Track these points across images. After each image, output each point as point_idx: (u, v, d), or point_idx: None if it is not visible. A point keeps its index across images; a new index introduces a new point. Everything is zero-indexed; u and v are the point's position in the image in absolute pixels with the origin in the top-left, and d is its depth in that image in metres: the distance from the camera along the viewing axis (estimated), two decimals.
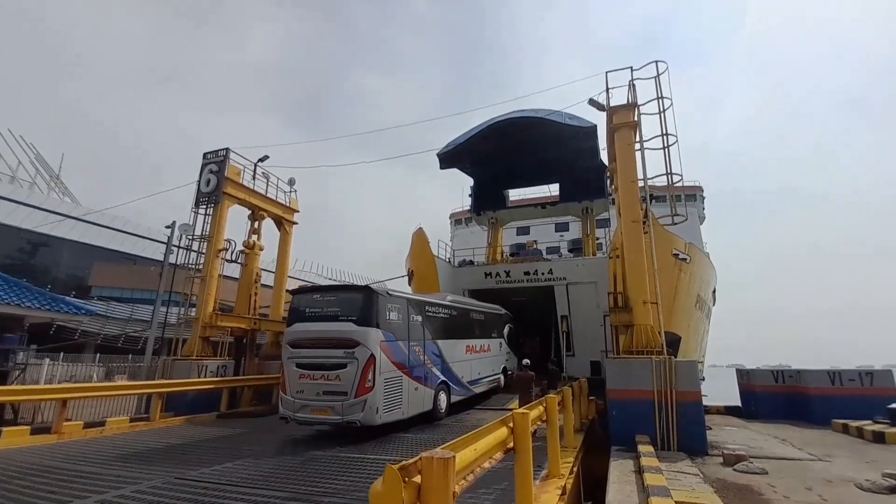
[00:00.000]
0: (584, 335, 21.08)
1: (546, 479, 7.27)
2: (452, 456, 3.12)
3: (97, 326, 34.78)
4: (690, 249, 17.69)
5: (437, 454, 3.08)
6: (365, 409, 10.46)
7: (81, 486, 7.06)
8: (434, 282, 21.04)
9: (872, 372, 14.56)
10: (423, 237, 21.54)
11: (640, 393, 11.11)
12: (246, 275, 20.38)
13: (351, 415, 10.48)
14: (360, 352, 10.79)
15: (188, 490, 6.93)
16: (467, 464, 3.76)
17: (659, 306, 12.61)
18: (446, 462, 3.03)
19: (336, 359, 10.96)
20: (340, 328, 11.20)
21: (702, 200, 39.59)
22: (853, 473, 8.31)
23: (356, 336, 10.96)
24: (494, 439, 4.69)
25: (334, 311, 11.60)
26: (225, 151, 18.92)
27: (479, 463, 4.18)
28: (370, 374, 10.64)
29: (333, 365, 10.96)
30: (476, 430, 4.45)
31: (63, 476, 7.67)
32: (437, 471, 2.99)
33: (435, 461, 3.00)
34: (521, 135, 22.62)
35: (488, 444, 4.49)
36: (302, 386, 11.16)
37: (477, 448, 4.12)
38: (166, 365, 16.40)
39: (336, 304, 11.76)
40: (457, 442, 3.83)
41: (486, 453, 4.39)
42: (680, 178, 13.84)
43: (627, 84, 14.79)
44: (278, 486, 7.04)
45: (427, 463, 2.99)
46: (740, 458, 9.15)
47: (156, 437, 11.47)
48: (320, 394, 10.93)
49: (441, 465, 3.01)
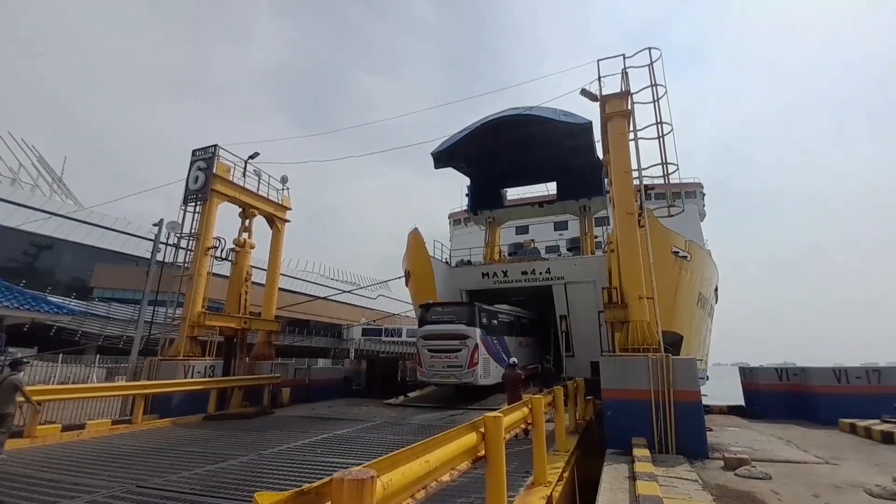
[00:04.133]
0: (583, 335, 20.73)
1: (531, 488, 6.78)
2: (371, 476, 2.57)
3: (98, 328, 34.74)
4: (691, 247, 17.37)
5: (350, 475, 2.51)
6: (473, 376, 16.38)
7: (33, 496, 6.64)
8: (430, 282, 20.87)
9: (880, 369, 14.29)
10: (419, 238, 21.31)
11: (637, 393, 10.74)
12: (236, 273, 20.03)
13: (465, 379, 16.47)
14: (469, 342, 16.69)
15: (146, 500, 6.50)
16: (413, 480, 3.25)
17: (655, 302, 12.14)
18: (361, 484, 2.48)
19: (454, 346, 16.80)
20: (456, 328, 17.12)
21: (702, 197, 39.06)
22: (862, 478, 7.90)
23: (467, 332, 16.90)
24: (458, 447, 4.18)
25: (451, 317, 17.57)
26: (213, 148, 18.65)
27: (436, 476, 3.69)
28: (476, 356, 16.53)
29: (453, 350, 16.80)
30: (433, 438, 3.94)
31: (17, 484, 7.24)
32: (349, 497, 2.44)
33: (346, 483, 2.45)
34: (515, 133, 22.39)
35: (448, 453, 3.97)
36: (433, 363, 17.20)
37: (430, 460, 3.60)
38: (152, 365, 16.01)
39: (452, 313, 17.81)
40: (398, 454, 3.28)
41: (445, 464, 3.89)
42: (676, 168, 13.39)
43: (620, 73, 14.41)
44: (242, 496, 6.59)
45: (337, 486, 2.45)
46: (742, 462, 8.76)
47: (134, 441, 11.06)
48: (445, 367, 16.89)
49: (354, 488, 2.46)
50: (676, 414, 10.31)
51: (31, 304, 16.28)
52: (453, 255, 27.72)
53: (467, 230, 40.08)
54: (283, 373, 19.09)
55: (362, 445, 10.37)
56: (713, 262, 21.99)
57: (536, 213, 29.39)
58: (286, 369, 19.84)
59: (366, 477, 2.52)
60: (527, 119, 21.07)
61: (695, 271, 18.04)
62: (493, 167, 26.68)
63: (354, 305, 62.01)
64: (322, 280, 64.97)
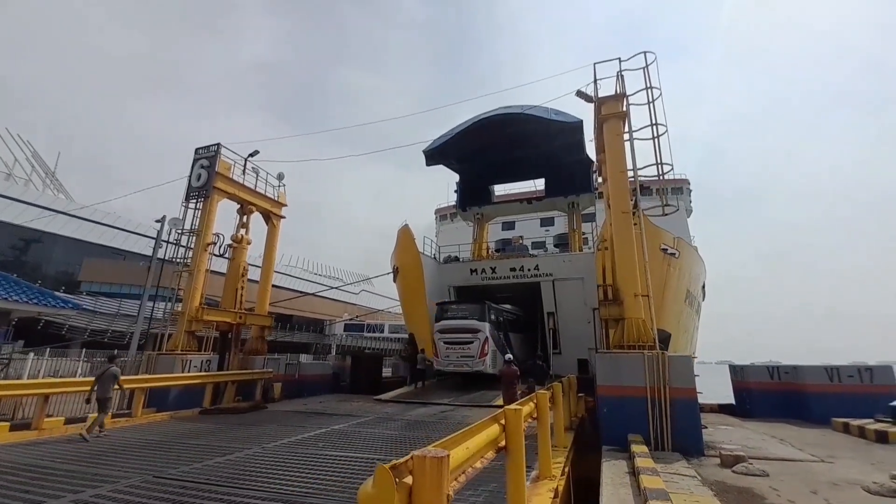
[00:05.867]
0: (571, 332, 21.02)
1: (537, 481, 6.96)
2: (447, 455, 2.89)
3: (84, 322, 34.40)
4: (678, 244, 17.53)
5: (430, 453, 2.84)
6: (484, 365, 18.46)
7: (57, 485, 6.76)
8: (419, 278, 20.99)
9: (872, 368, 14.42)
10: (409, 234, 21.39)
11: (633, 389, 10.82)
12: (233, 269, 20.15)
13: (476, 367, 18.56)
14: (480, 335, 18.79)
15: (166, 489, 6.63)
16: (459, 463, 3.47)
17: (651, 299, 12.39)
18: (440, 461, 2.80)
19: (467, 339, 18.88)
20: (469, 322, 19.20)
21: (688, 193, 39.50)
22: (859, 475, 8.04)
23: (478, 326, 18.97)
24: (486, 437, 4.38)
25: (464, 313, 19.69)
26: (216, 147, 18.85)
27: (472, 462, 3.88)
28: (486, 347, 18.59)
29: (466, 342, 18.90)
30: (467, 428, 4.14)
31: (39, 474, 7.37)
32: (431, 471, 2.76)
33: (428, 460, 2.76)
34: (507, 131, 22.65)
35: (480, 442, 4.17)
36: (448, 353, 19.31)
37: (469, 447, 3.81)
38: (150, 359, 16.05)
39: (465, 310, 19.88)
40: (448, 440, 3.54)
41: (478, 452, 4.09)
42: (671, 168, 13.69)
43: (615, 75, 14.74)
44: (259, 486, 6.77)
45: (419, 462, 2.76)
46: (739, 459, 8.87)
47: (137, 434, 11.18)
48: (459, 357, 19.02)
49: (434, 465, 2.78)
50: (672, 411, 10.39)
51: (38, 298, 16.21)
52: (441, 251, 27.89)
53: (454, 226, 40.29)
54: (274, 368, 19.23)
55: (360, 440, 10.50)
56: (701, 259, 22.26)
57: (524, 209, 29.65)
58: (277, 364, 19.96)
59: (442, 455, 2.85)
60: (519, 118, 21.39)
61: (683, 268, 18.24)
62: (482, 164, 26.94)
63: (337, 301, 61.40)
64: (305, 275, 64.49)
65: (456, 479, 3.38)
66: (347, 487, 6.62)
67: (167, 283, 18.82)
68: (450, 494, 2.90)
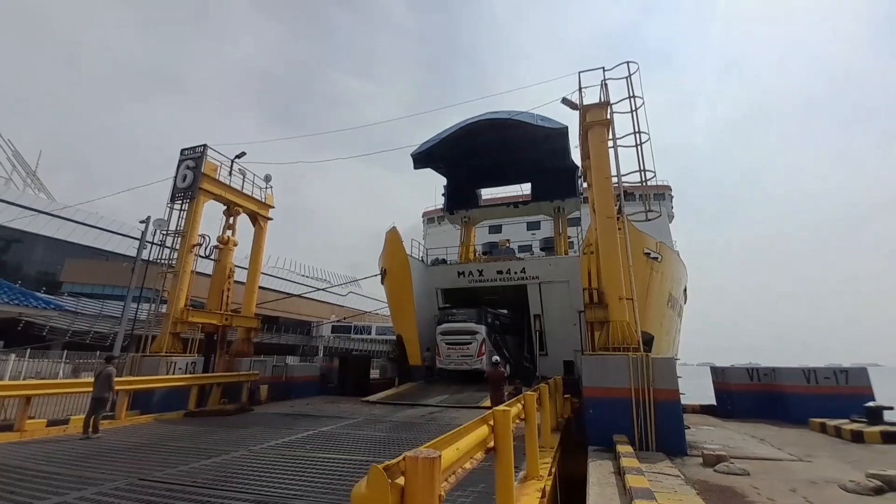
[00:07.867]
0: (557, 334, 21.23)
1: (524, 481, 7.04)
2: (439, 455, 2.94)
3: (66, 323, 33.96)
4: (661, 248, 17.78)
5: (423, 454, 2.89)
6: (481, 363, 19.54)
7: (42, 488, 6.71)
8: (407, 281, 21.15)
9: (847, 370, 14.75)
10: (397, 237, 21.55)
11: (618, 391, 11.01)
12: (219, 270, 20.00)
13: (475, 366, 19.91)
14: (478, 337, 20.21)
15: (152, 492, 6.59)
16: (450, 464, 3.54)
17: (635, 302, 12.60)
18: (432, 462, 2.85)
19: (466, 340, 20.31)
20: (468, 325, 20.62)
21: (670, 199, 40.06)
22: (836, 474, 8.24)
23: (476, 329, 20.43)
24: (475, 438, 4.45)
25: (464, 317, 21.16)
26: (202, 148, 18.71)
27: (461, 463, 3.95)
28: (483, 348, 19.97)
29: (465, 343, 20.32)
30: (457, 429, 4.20)
31: (24, 476, 7.31)
32: (423, 471, 2.81)
33: (420, 461, 2.81)
34: (494, 135, 22.79)
35: (470, 443, 4.24)
36: (449, 353, 20.70)
37: (459, 448, 3.89)
38: (134, 361, 15.90)
39: (464, 314, 21.36)
40: (439, 441, 3.60)
41: (467, 453, 4.15)
42: (653, 175, 13.92)
43: (600, 84, 15.05)
44: (246, 488, 6.75)
45: (412, 463, 2.80)
46: (720, 459, 9.04)
47: (121, 436, 11.06)
48: (459, 356, 20.45)
49: (427, 466, 2.82)
50: (656, 412, 10.59)
51: (19, 298, 16.00)
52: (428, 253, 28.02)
53: (441, 228, 40.47)
54: (260, 370, 19.10)
55: (348, 441, 10.47)
56: (682, 263, 22.59)
57: (511, 213, 29.93)
58: (264, 366, 19.84)
59: (434, 456, 2.90)
60: (505, 122, 21.52)
61: (665, 272, 18.46)
62: (470, 168, 27.10)
63: (324, 302, 61.21)
64: (292, 276, 64.15)
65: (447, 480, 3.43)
66: (336, 489, 6.62)
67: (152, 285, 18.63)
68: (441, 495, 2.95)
